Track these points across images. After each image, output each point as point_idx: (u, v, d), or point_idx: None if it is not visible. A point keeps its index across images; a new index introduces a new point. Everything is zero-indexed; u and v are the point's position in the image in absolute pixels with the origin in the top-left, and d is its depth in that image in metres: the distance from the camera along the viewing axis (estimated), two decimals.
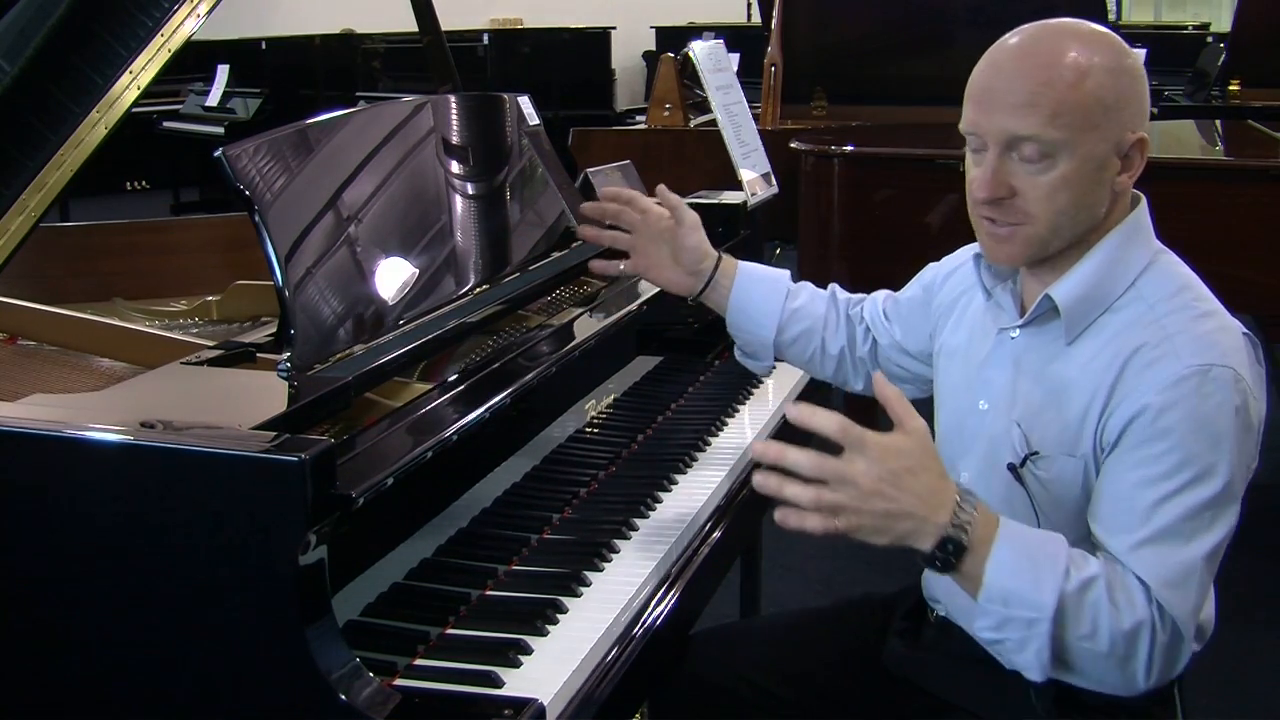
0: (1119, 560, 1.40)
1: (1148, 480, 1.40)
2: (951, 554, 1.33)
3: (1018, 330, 1.56)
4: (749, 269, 1.89)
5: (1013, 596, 1.34)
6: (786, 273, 1.92)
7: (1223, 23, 9.39)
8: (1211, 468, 1.40)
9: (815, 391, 2.30)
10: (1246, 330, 1.49)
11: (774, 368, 1.97)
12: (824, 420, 1.30)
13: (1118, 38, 1.47)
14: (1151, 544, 1.39)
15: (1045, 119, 1.41)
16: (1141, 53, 6.18)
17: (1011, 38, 1.48)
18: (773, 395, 2.25)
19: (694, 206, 2.54)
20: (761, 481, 1.31)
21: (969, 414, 1.61)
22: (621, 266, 1.91)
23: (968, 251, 1.70)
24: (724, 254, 1.89)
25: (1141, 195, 1.54)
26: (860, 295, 1.94)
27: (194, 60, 8.58)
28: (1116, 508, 1.42)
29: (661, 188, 1.88)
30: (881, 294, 1.91)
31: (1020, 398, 1.54)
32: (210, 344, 1.62)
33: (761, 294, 1.88)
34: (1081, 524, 1.48)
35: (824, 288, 1.94)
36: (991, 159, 1.45)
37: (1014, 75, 1.43)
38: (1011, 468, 1.51)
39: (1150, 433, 1.41)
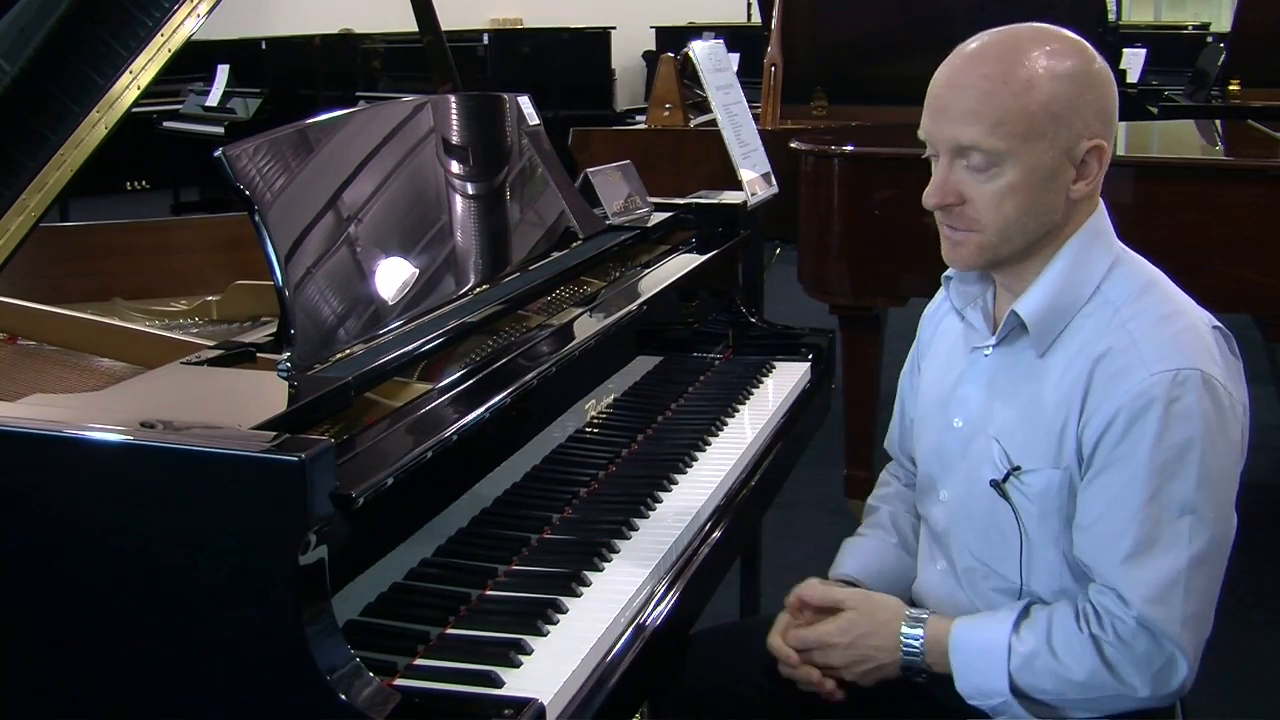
0: (1110, 586, 1.43)
1: (1121, 494, 1.42)
2: (921, 673, 1.56)
3: (990, 349, 1.57)
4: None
5: (977, 691, 1.51)
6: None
7: (1223, 23, 9.39)
8: (1181, 474, 1.40)
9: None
10: (1217, 324, 1.50)
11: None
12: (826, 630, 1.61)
13: (1085, 44, 1.47)
14: (1132, 560, 1.41)
15: (987, 129, 1.42)
16: (1141, 53, 6.19)
17: (971, 43, 1.49)
18: (772, 395, 2.25)
19: (694, 207, 2.57)
20: (789, 673, 1.64)
21: (945, 432, 1.62)
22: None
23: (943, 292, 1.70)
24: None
25: (1100, 199, 1.54)
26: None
27: (194, 60, 8.57)
28: (1095, 530, 1.44)
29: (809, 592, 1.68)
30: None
31: (996, 414, 1.55)
32: (210, 344, 1.62)
33: (888, 561, 1.76)
34: (1068, 537, 1.49)
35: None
36: (942, 166, 1.49)
37: (962, 85, 1.45)
38: (995, 484, 1.52)
39: (1121, 447, 1.42)
